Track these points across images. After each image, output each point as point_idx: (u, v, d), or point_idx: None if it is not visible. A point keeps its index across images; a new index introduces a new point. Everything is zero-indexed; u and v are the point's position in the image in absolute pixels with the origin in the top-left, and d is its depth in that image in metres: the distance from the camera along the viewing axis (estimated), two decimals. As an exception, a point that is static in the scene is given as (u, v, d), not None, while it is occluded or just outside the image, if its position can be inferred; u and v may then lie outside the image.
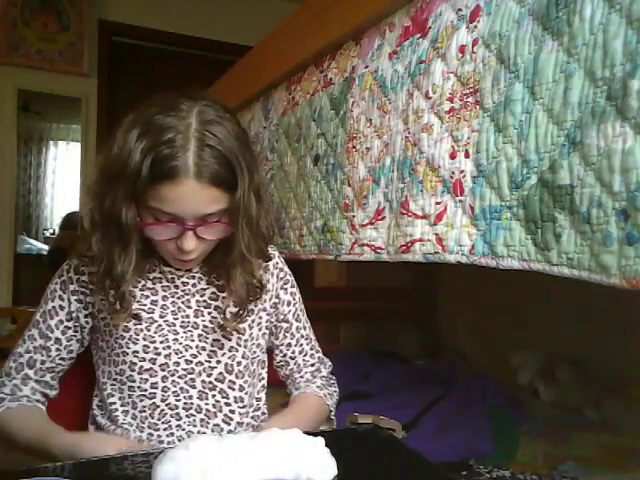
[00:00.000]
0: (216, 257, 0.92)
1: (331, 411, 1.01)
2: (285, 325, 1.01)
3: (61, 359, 0.93)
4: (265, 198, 0.92)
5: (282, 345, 1.01)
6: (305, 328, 1.04)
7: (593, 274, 0.68)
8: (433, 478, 0.73)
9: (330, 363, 1.08)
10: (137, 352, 0.88)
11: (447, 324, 2.67)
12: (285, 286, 1.01)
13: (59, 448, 0.81)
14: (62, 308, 0.92)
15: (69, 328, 0.92)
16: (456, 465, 1.32)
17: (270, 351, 1.02)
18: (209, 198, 0.81)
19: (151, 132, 0.78)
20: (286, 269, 1.03)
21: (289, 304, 1.01)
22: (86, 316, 0.92)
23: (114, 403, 0.90)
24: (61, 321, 0.92)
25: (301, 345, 1.03)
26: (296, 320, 1.02)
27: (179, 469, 0.60)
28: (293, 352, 1.02)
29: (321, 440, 0.68)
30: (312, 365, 1.04)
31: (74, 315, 0.92)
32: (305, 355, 1.03)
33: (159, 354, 0.88)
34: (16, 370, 0.92)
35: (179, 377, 0.89)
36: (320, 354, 1.06)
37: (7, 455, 0.93)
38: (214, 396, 0.91)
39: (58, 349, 0.92)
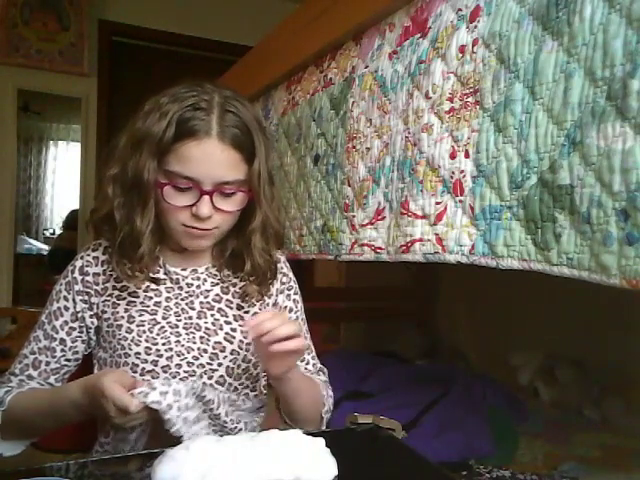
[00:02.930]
0: (228, 244, 0.93)
1: (324, 404, 0.98)
2: None
3: (66, 360, 0.93)
4: (276, 189, 0.96)
5: None
6: (306, 338, 1.01)
7: (593, 274, 0.68)
8: (433, 478, 0.73)
9: (327, 374, 1.05)
10: (139, 354, 0.87)
11: (447, 324, 2.67)
12: (288, 292, 1.01)
13: (75, 388, 0.82)
14: (67, 309, 0.92)
15: (74, 329, 0.92)
16: (456, 465, 1.32)
17: None
18: (229, 161, 0.84)
19: (177, 101, 0.84)
20: (290, 275, 1.03)
21: (290, 311, 1.00)
22: (91, 317, 0.92)
23: None
24: (66, 322, 0.92)
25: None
26: None
27: (179, 469, 0.60)
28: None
29: (321, 440, 0.68)
30: (311, 374, 1.02)
31: (79, 315, 0.92)
32: (307, 364, 1.01)
33: (161, 356, 0.88)
34: (21, 370, 0.92)
35: (180, 379, 0.88)
36: (319, 364, 1.05)
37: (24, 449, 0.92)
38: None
39: (63, 350, 0.92)
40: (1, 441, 0.89)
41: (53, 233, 3.55)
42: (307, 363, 1.02)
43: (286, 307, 1.00)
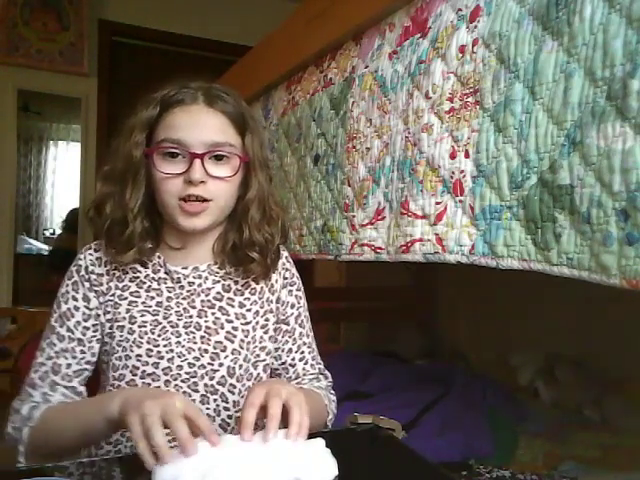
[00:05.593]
0: (229, 237, 0.92)
1: (327, 413, 0.95)
2: (285, 327, 0.97)
3: (87, 363, 0.88)
4: (272, 179, 0.97)
5: (282, 350, 0.97)
6: (308, 336, 1.00)
7: (593, 274, 0.68)
8: (433, 478, 0.73)
9: (330, 378, 1.02)
10: (140, 356, 0.85)
11: (447, 324, 2.67)
12: (290, 288, 0.98)
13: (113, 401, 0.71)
14: (77, 309, 0.88)
15: (87, 328, 0.88)
16: (456, 465, 1.32)
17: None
18: (218, 125, 0.85)
19: (164, 90, 0.87)
20: (294, 271, 1.00)
21: (292, 307, 0.98)
22: (99, 315, 0.89)
23: None
24: (78, 322, 0.88)
25: (302, 352, 0.98)
26: (299, 326, 0.98)
27: (179, 469, 0.60)
28: (293, 359, 0.97)
29: (321, 440, 0.68)
30: (312, 375, 0.99)
31: (94, 313, 0.89)
32: (306, 364, 0.98)
33: (162, 358, 0.86)
34: (41, 379, 0.85)
35: (182, 381, 0.86)
36: (321, 366, 1.01)
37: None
38: (215, 400, 0.88)
39: (83, 351, 0.87)
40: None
41: (53, 233, 3.55)
42: (306, 363, 0.99)
43: (288, 303, 0.97)
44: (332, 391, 1.01)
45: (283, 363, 0.98)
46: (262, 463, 0.62)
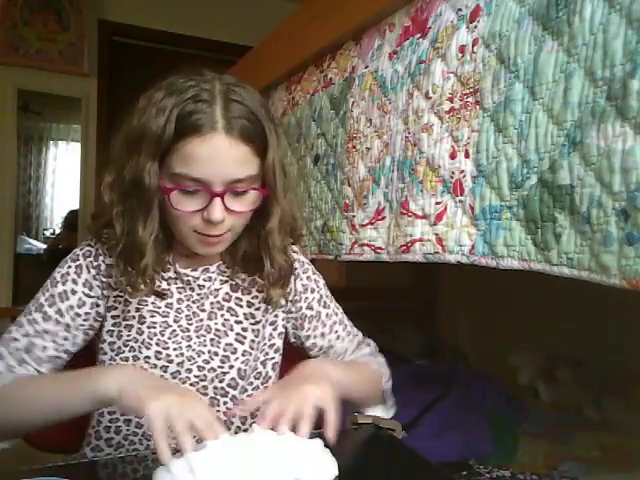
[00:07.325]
0: (240, 245, 0.87)
1: (381, 377, 0.96)
2: (310, 312, 0.95)
3: (65, 351, 0.83)
4: (288, 180, 0.89)
5: (315, 337, 0.96)
6: (337, 314, 0.99)
7: (593, 274, 0.68)
8: (433, 478, 0.73)
9: (374, 344, 1.03)
10: (149, 357, 0.83)
11: (447, 324, 2.67)
12: (303, 275, 0.96)
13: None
14: (74, 293, 0.83)
15: (79, 315, 0.83)
16: (456, 465, 1.32)
17: (300, 348, 0.97)
18: (239, 157, 0.76)
19: (175, 93, 0.76)
20: (302, 259, 0.98)
21: (312, 291, 0.96)
22: (99, 305, 0.85)
23: (114, 412, 0.85)
24: (71, 307, 0.82)
25: (336, 332, 0.97)
26: (324, 307, 0.97)
27: (177, 471, 0.60)
28: (329, 341, 0.96)
29: (320, 441, 0.68)
30: (353, 348, 0.99)
31: (90, 302, 0.84)
32: (343, 341, 0.98)
33: (171, 361, 0.84)
34: (10, 353, 0.81)
35: (191, 385, 0.85)
36: (360, 336, 1.01)
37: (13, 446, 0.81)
38: (225, 403, 0.87)
39: (66, 337, 0.82)
40: None
41: (53, 233, 3.55)
42: (342, 340, 0.98)
43: (306, 289, 0.95)
44: (379, 355, 1.01)
45: (320, 349, 0.97)
46: (262, 463, 0.62)
